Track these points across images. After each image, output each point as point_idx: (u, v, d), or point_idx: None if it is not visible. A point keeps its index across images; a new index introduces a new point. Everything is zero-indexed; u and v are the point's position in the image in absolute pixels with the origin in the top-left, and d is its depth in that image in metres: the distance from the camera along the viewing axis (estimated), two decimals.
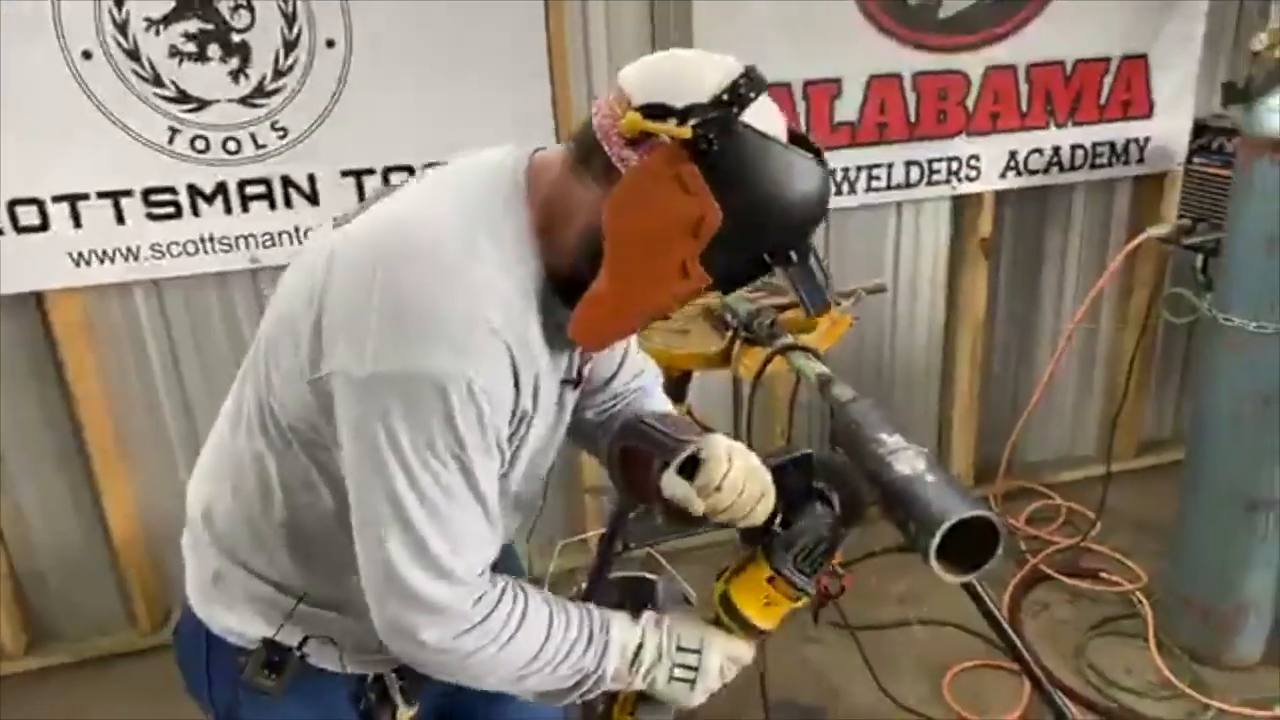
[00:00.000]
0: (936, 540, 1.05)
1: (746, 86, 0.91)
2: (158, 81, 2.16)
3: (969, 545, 1.08)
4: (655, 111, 0.89)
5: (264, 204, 2.30)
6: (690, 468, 1.05)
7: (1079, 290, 3.04)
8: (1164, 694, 2.31)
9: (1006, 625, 1.67)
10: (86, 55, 2.10)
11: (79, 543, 2.52)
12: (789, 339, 1.50)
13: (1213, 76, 2.84)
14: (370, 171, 2.34)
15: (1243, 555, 2.26)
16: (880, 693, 2.08)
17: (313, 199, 2.32)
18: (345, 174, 2.32)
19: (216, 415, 1.13)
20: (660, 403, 1.26)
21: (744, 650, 1.10)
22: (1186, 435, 2.41)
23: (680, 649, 1.07)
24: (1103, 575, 2.71)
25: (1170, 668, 2.34)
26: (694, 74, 0.91)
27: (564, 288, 0.97)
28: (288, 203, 2.31)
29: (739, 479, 1.04)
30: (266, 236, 2.33)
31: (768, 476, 1.07)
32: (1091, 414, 3.23)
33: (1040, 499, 3.10)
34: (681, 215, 0.90)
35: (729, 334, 1.71)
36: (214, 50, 2.17)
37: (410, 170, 2.34)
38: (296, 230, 2.34)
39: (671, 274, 0.93)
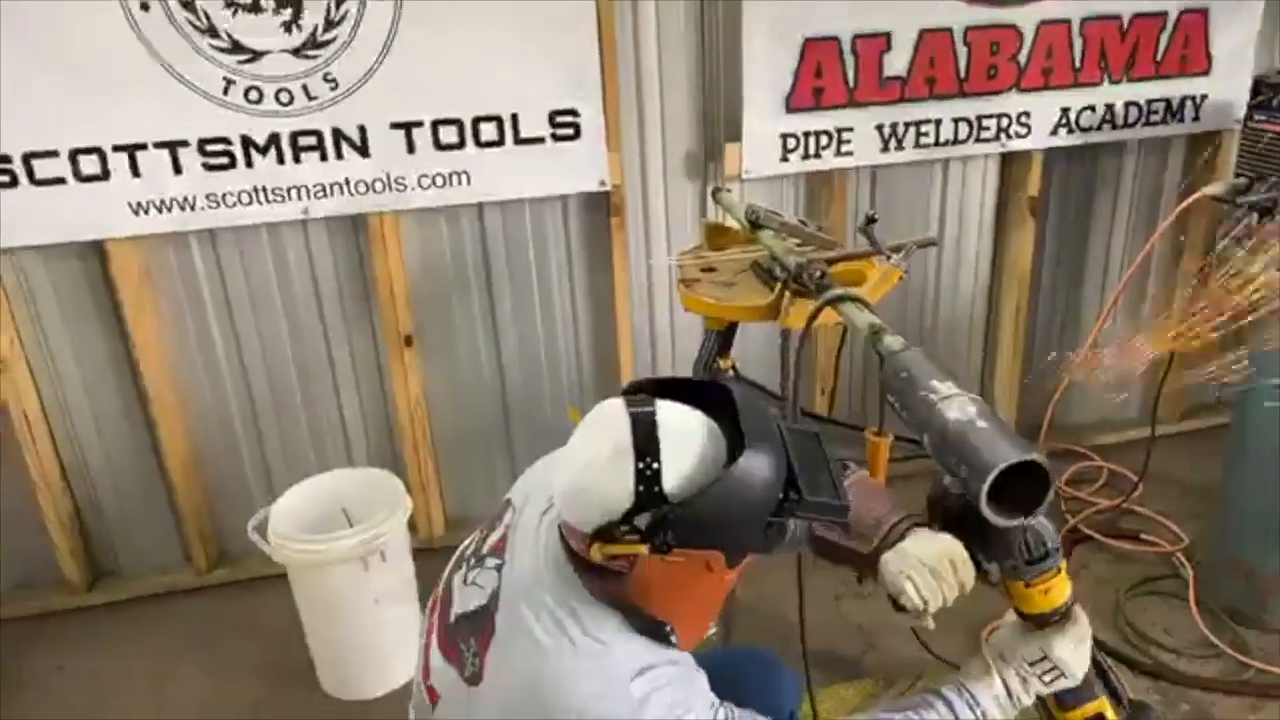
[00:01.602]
0: (988, 484, 1.07)
1: (646, 457, 1.02)
2: (213, 33, 2.19)
3: (1020, 490, 1.09)
4: (605, 534, 1.03)
5: (315, 155, 2.34)
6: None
7: (1128, 251, 3.01)
8: (1202, 653, 2.31)
9: None
10: (144, 7, 2.13)
11: (139, 484, 2.61)
12: (839, 290, 1.51)
13: (1273, 32, 2.77)
14: (419, 124, 2.36)
15: None
16: (918, 645, 2.11)
17: (363, 150, 2.35)
18: (395, 126, 2.35)
19: (267, 361, 1.29)
20: None
21: (1076, 629, 1.27)
22: (1233, 398, 2.38)
23: (1031, 664, 1.26)
24: (1144, 537, 2.71)
25: (1211, 627, 2.34)
26: (603, 489, 1.03)
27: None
28: (339, 154, 2.35)
29: (933, 585, 1.20)
30: (318, 187, 2.37)
31: (944, 547, 1.22)
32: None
33: (1082, 460, 3.09)
34: (692, 574, 1.07)
35: (778, 286, 1.72)
36: (267, 1, 2.19)
37: (459, 124, 2.37)
38: (347, 182, 2.37)
39: (714, 591, 1.14)
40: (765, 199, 2.59)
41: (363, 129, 2.34)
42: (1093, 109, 2.74)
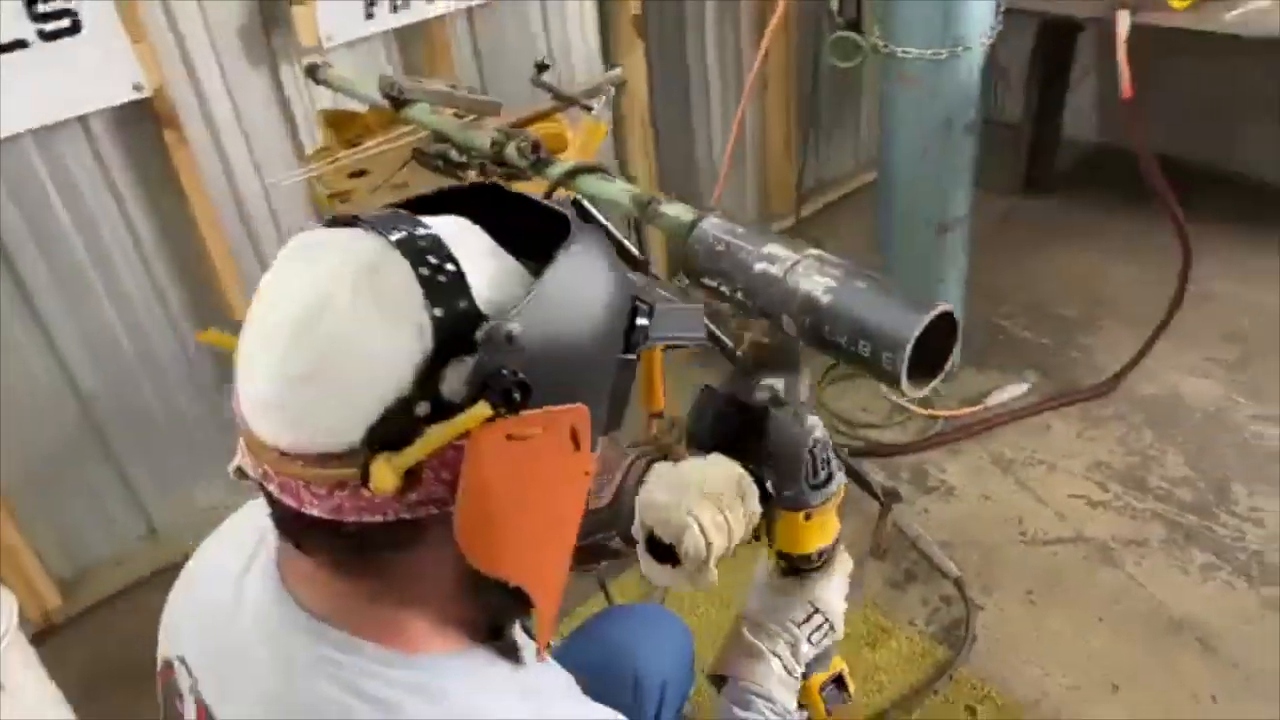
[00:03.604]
0: (909, 352, 0.87)
1: (428, 257, 0.60)
2: None
3: (920, 348, 0.91)
4: (393, 433, 0.57)
5: None
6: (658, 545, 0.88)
7: (729, 55, 2.96)
8: (900, 419, 2.49)
9: None
10: None
11: None
12: (570, 163, 1.18)
13: None
14: None
15: (938, 274, 2.42)
16: None
17: None
18: None
19: None
20: None
21: (844, 567, 1.03)
22: (879, 168, 2.46)
23: (799, 624, 0.99)
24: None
25: (896, 394, 2.51)
26: (363, 342, 0.58)
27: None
28: None
29: (720, 522, 0.87)
30: None
31: (726, 471, 0.91)
32: (772, 175, 3.24)
33: None
34: (547, 463, 0.63)
35: (471, 174, 1.34)
36: None
37: None
38: None
39: (575, 496, 0.70)
40: (354, 70, 2.09)
41: None
42: None
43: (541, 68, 1.47)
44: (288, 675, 0.66)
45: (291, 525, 0.64)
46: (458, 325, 0.58)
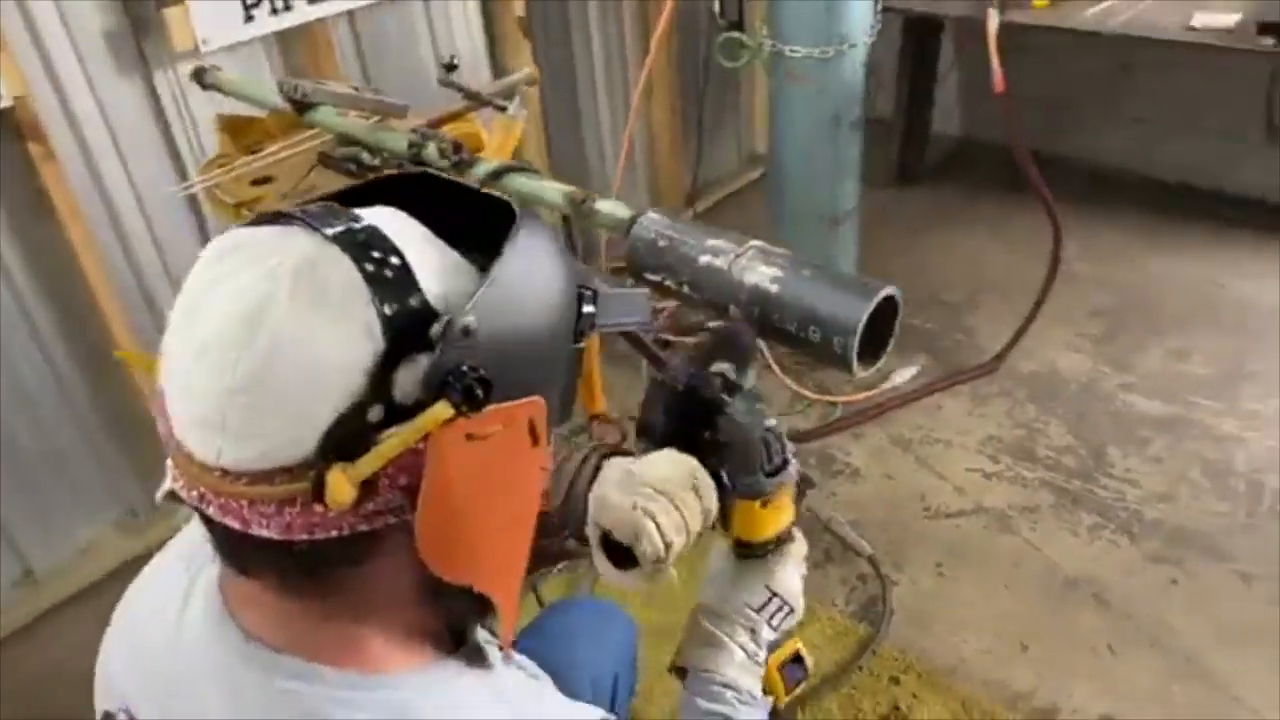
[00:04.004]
0: (859, 336, 0.90)
1: (372, 253, 0.57)
2: None
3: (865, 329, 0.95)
4: (348, 439, 0.54)
5: None
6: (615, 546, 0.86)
7: (615, 54, 2.98)
8: (800, 407, 2.56)
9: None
10: None
11: None
12: (497, 163, 1.16)
13: None
14: None
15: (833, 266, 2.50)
16: None
17: None
18: None
19: None
20: None
21: (798, 549, 1.00)
22: (770, 165, 2.53)
23: (758, 610, 0.96)
24: (709, 325, 2.86)
25: (797, 382, 2.58)
26: (312, 344, 0.54)
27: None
28: None
29: (678, 520, 0.85)
30: None
31: (682, 467, 0.88)
32: (663, 174, 3.27)
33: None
34: (506, 458, 0.61)
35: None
36: None
37: None
38: None
39: (532, 491, 0.67)
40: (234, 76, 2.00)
41: None
42: None
43: (450, 68, 1.45)
44: (244, 713, 0.62)
45: (235, 549, 0.60)
46: (409, 322, 0.55)
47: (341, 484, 0.53)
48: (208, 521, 0.59)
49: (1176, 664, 1.82)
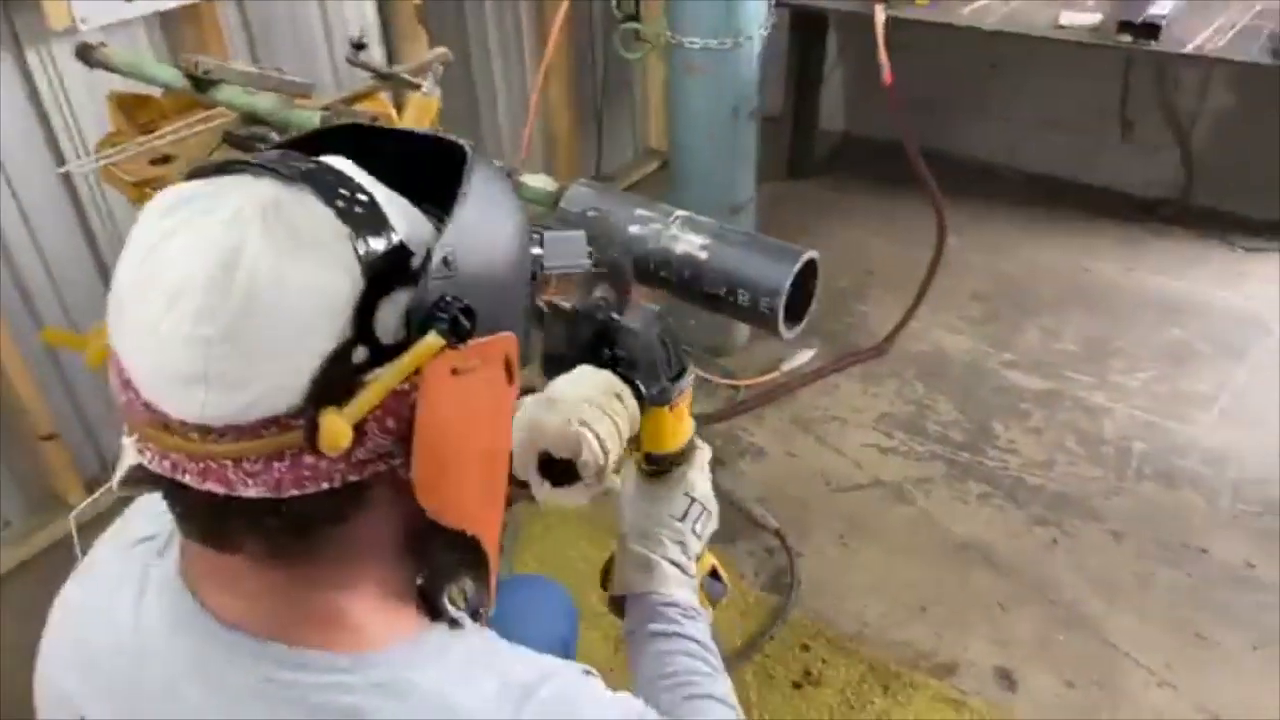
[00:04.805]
0: (784, 299, 0.94)
1: (340, 190, 0.57)
2: None
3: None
4: (335, 382, 0.53)
5: None
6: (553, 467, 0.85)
7: (511, 44, 2.97)
8: (706, 390, 2.61)
9: None
10: None
11: None
12: None
13: None
14: None
15: None
16: None
17: None
18: None
19: None
20: None
21: (702, 454, 1.00)
22: (670, 155, 2.57)
23: (680, 520, 0.95)
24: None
25: (701, 368, 2.64)
26: (297, 282, 0.53)
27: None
28: None
29: (611, 429, 0.84)
30: None
31: (602, 379, 0.88)
32: (562, 167, 3.26)
33: None
34: (484, 396, 0.62)
35: None
36: None
37: None
38: None
39: (504, 428, 0.69)
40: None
41: None
42: None
43: (358, 46, 1.43)
44: (235, 709, 0.60)
45: (216, 519, 0.57)
46: (385, 259, 0.55)
47: (338, 425, 0.52)
48: (179, 495, 0.57)
49: (1059, 616, 1.96)
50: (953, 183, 3.13)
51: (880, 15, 2.25)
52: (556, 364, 0.93)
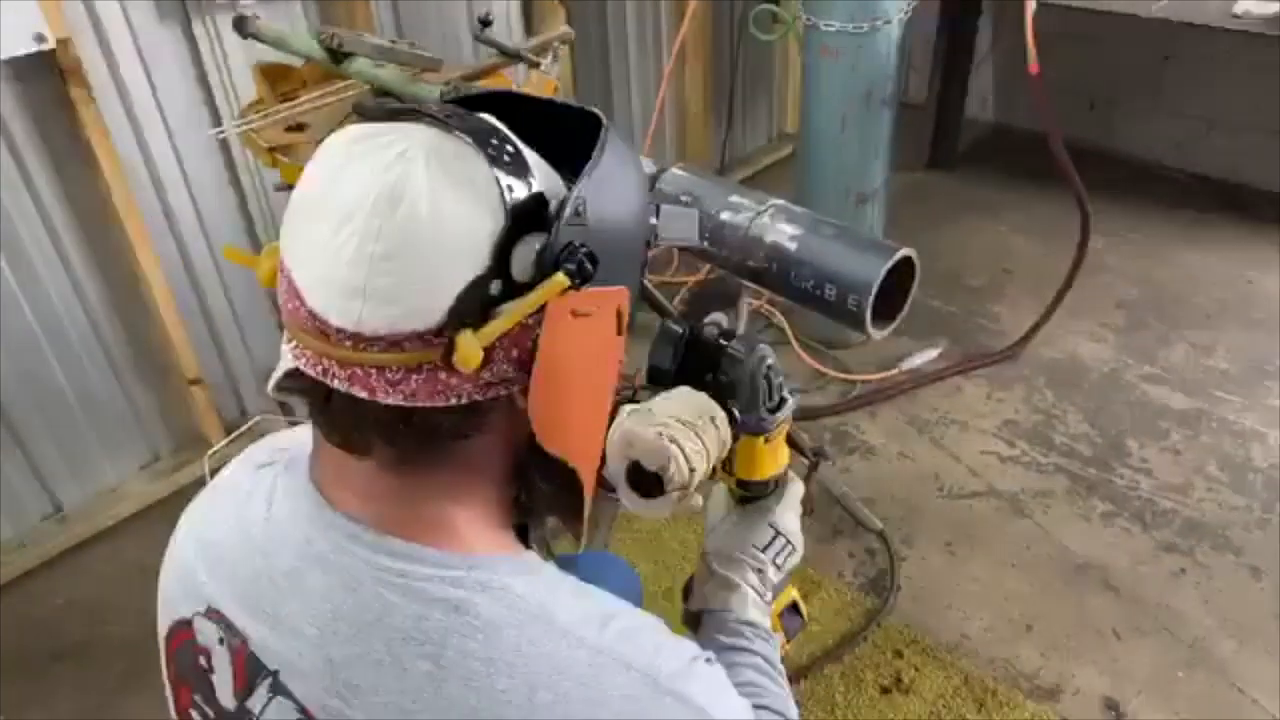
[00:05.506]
0: (874, 295, 0.91)
1: (492, 140, 0.63)
2: None
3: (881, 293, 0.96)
4: (469, 312, 0.60)
5: None
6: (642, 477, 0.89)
7: (649, 23, 2.97)
8: (820, 384, 2.57)
9: None
10: None
11: None
12: None
13: None
14: None
15: None
16: None
17: None
18: None
19: None
20: None
21: (794, 490, 1.03)
22: (800, 138, 2.52)
23: (763, 550, 0.98)
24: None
25: (816, 360, 2.59)
26: (451, 214, 0.59)
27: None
28: None
29: (699, 447, 0.88)
30: None
31: (696, 401, 0.92)
32: (691, 147, 3.25)
33: None
34: (596, 340, 0.68)
35: None
36: None
37: None
38: None
39: (610, 377, 0.74)
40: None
41: None
42: None
43: (485, 23, 1.46)
44: (351, 591, 0.66)
45: (353, 423, 0.64)
46: (526, 204, 0.61)
47: (472, 345, 0.58)
48: (325, 400, 0.64)
49: (1181, 651, 1.83)
50: (1110, 182, 2.94)
51: (1031, 1, 2.13)
52: (661, 378, 0.98)
